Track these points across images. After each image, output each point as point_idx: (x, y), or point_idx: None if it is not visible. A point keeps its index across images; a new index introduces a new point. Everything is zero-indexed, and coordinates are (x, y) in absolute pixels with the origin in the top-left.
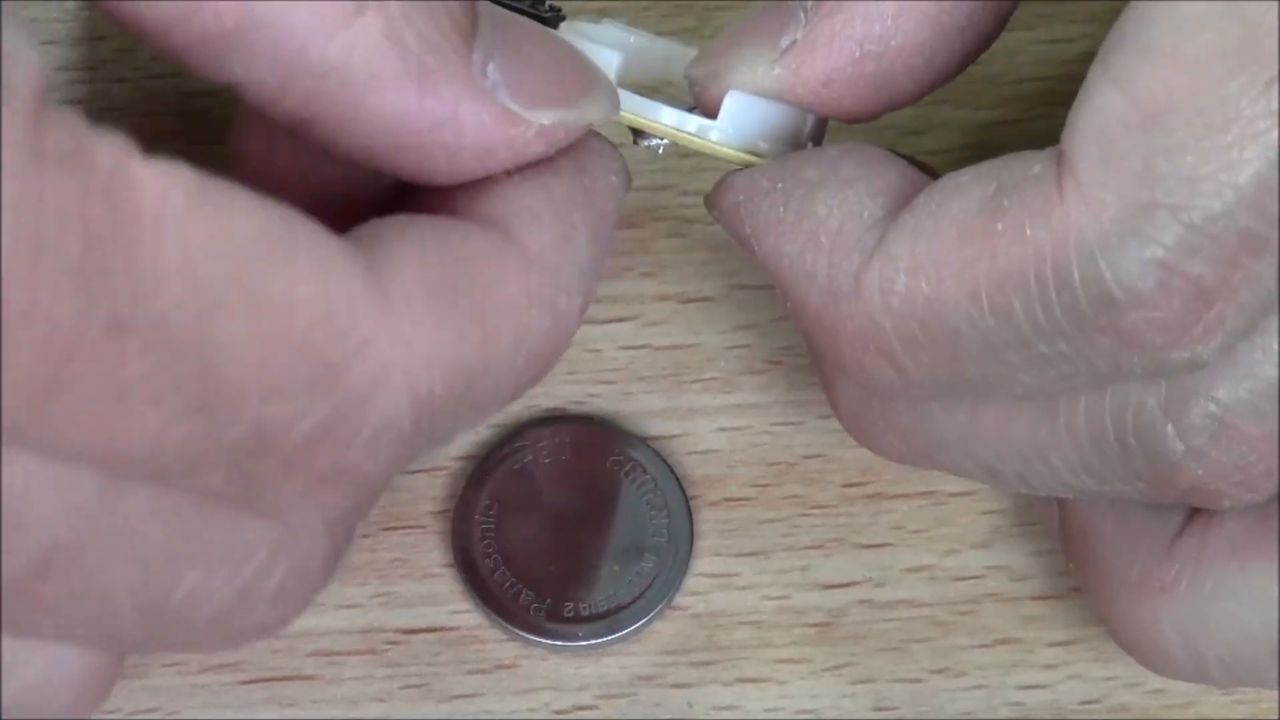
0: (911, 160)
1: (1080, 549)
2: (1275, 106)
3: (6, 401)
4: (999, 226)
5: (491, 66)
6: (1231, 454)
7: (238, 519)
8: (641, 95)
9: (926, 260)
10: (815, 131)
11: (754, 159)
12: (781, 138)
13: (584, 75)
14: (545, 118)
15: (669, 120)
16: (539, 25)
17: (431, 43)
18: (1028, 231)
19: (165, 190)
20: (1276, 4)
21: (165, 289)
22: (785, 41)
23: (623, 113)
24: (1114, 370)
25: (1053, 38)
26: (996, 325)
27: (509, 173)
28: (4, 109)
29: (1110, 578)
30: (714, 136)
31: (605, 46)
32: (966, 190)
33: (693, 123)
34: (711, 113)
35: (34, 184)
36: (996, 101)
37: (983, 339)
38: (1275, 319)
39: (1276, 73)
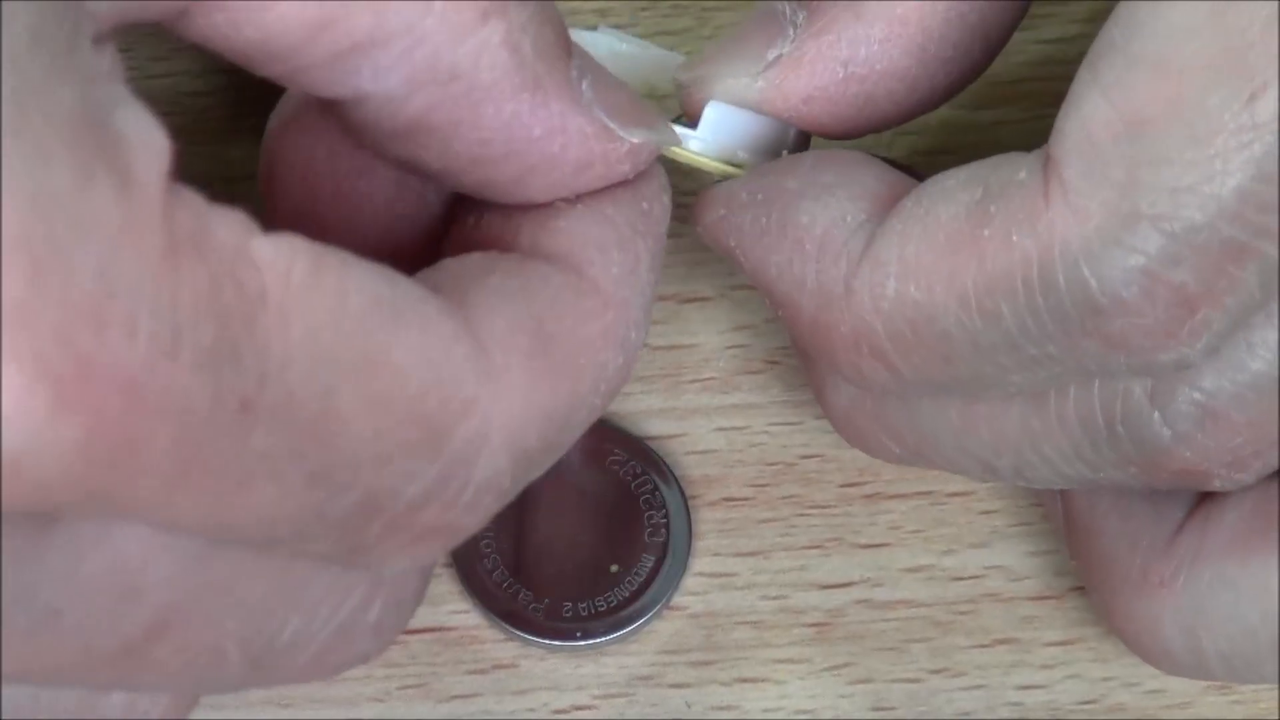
0: (892, 162)
1: (1083, 545)
2: (1257, 119)
3: (141, 490)
4: (986, 233)
5: (586, 84)
6: (1218, 439)
7: (340, 571)
8: None
9: (915, 265)
10: (798, 143)
11: (732, 170)
12: (762, 148)
13: (645, 101)
14: (636, 136)
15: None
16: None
17: (543, 52)
18: (1014, 238)
19: (287, 267)
20: (1258, 18)
21: (291, 367)
22: (771, 55)
23: None
24: (1102, 369)
25: (1052, 37)
26: (985, 329)
27: (571, 202)
28: (137, 203)
29: (1112, 573)
30: (693, 146)
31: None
32: (953, 195)
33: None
34: (696, 119)
35: (169, 279)
36: (995, 101)
37: (972, 341)
38: (1261, 315)
39: (1258, 86)
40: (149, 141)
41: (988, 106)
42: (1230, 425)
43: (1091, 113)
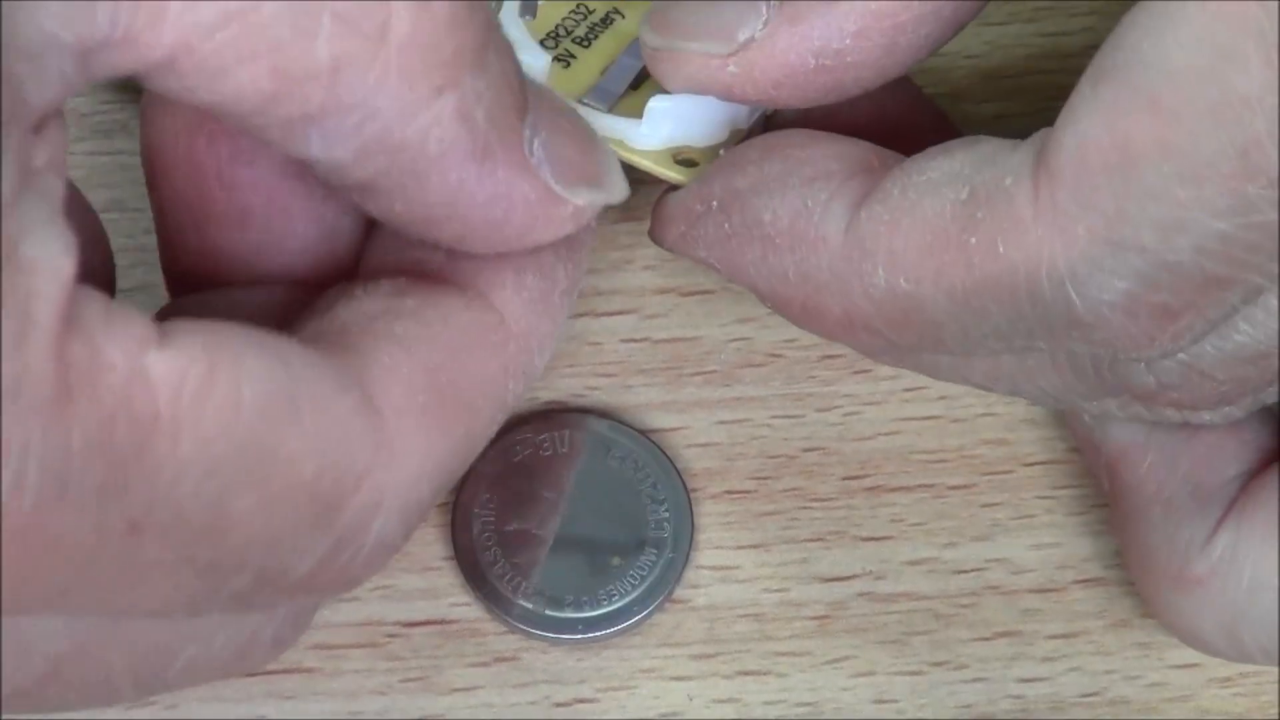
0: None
1: (1127, 529)
2: (1249, 170)
3: (36, 601)
4: (972, 240)
5: (538, 143)
6: (1203, 389)
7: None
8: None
9: (903, 259)
10: (755, 124)
11: (676, 176)
12: (714, 131)
13: (602, 149)
14: (581, 198)
15: (596, 127)
16: (559, 96)
17: (497, 120)
18: (1000, 249)
19: (180, 381)
20: (1257, 78)
21: (181, 483)
22: (742, 35)
23: None
24: (1089, 356)
25: (1053, 31)
26: (975, 322)
27: None
28: (31, 352)
29: (1153, 565)
30: (640, 145)
31: (535, 48)
32: (938, 190)
33: (620, 127)
34: (656, 78)
35: (59, 428)
36: (997, 95)
37: (963, 330)
38: (1243, 308)
39: (1251, 141)
40: (55, 266)
41: (990, 100)
42: (1213, 380)
43: (1087, 134)
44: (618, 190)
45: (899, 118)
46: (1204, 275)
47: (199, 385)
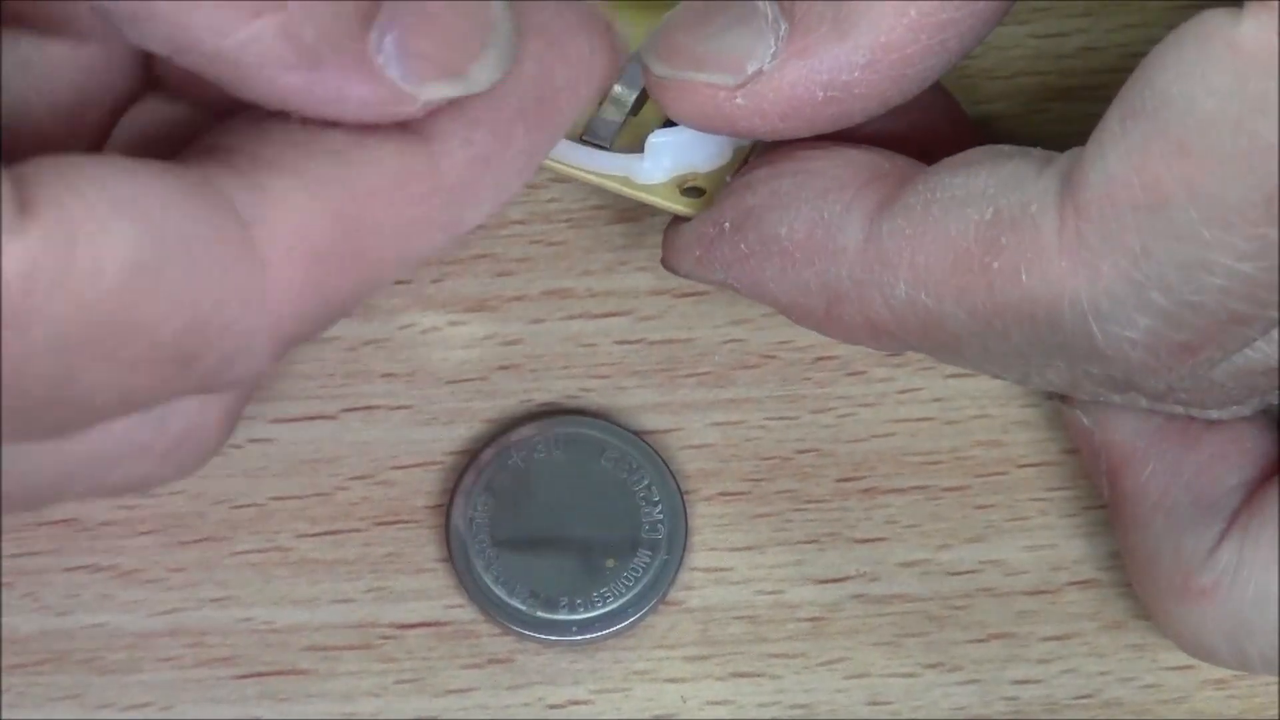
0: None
1: (1128, 535)
2: (1272, 214)
3: None
4: (995, 264)
5: (389, 40)
6: (1212, 393)
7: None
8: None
9: (925, 275)
10: (756, 142)
11: (685, 210)
12: (715, 158)
13: (482, 30)
14: (430, 92)
15: (598, 166)
16: None
17: (328, 32)
18: (1024, 277)
19: (33, 272)
20: (1278, 124)
21: (26, 368)
22: (751, 68)
23: (548, 162)
24: (1106, 376)
25: (1047, 32)
26: (995, 341)
27: None
28: None
29: (1156, 574)
30: (645, 180)
31: None
32: (962, 208)
33: (622, 164)
34: (664, 119)
35: None
36: (990, 96)
37: (983, 346)
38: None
39: (1275, 187)
40: None
41: (984, 101)
42: (1223, 388)
43: (1115, 174)
44: (484, 75)
45: (916, 120)
46: (1227, 314)
47: (55, 270)
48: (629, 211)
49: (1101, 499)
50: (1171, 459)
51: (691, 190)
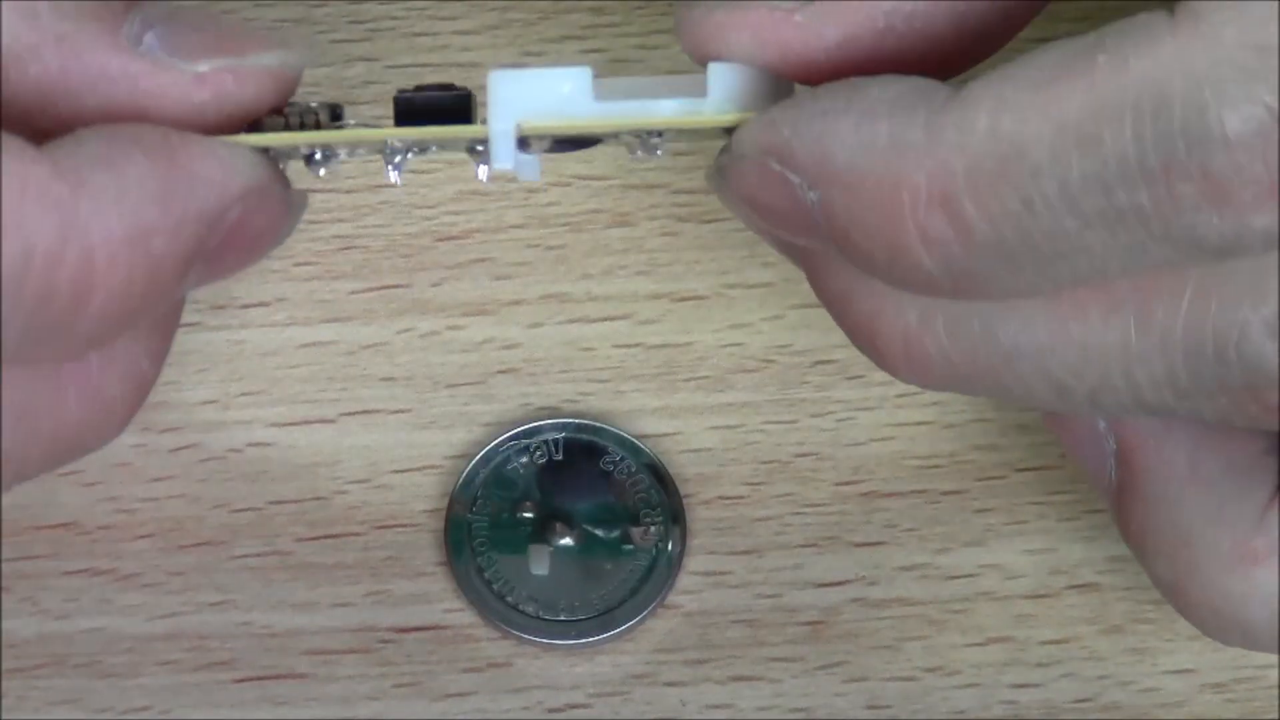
0: None
1: (1147, 515)
2: None
3: None
4: (1100, 59)
5: (149, 35)
6: None
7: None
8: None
9: (1013, 99)
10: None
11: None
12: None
13: (264, 37)
14: (204, 66)
15: (667, 112)
16: (212, 14)
17: (67, 14)
18: (1131, 61)
19: None
20: None
21: None
22: None
23: (615, 119)
24: (1188, 240)
25: (1043, 35)
26: (1080, 161)
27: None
28: None
29: (1191, 548)
30: (709, 110)
31: (571, 65)
32: (1065, 44)
33: (678, 106)
34: (700, 53)
35: None
36: None
37: (1061, 180)
38: None
39: None
40: None
41: None
42: None
43: None
44: (267, 59)
45: None
46: None
47: None
48: (627, 215)
49: (1097, 500)
50: (1196, 428)
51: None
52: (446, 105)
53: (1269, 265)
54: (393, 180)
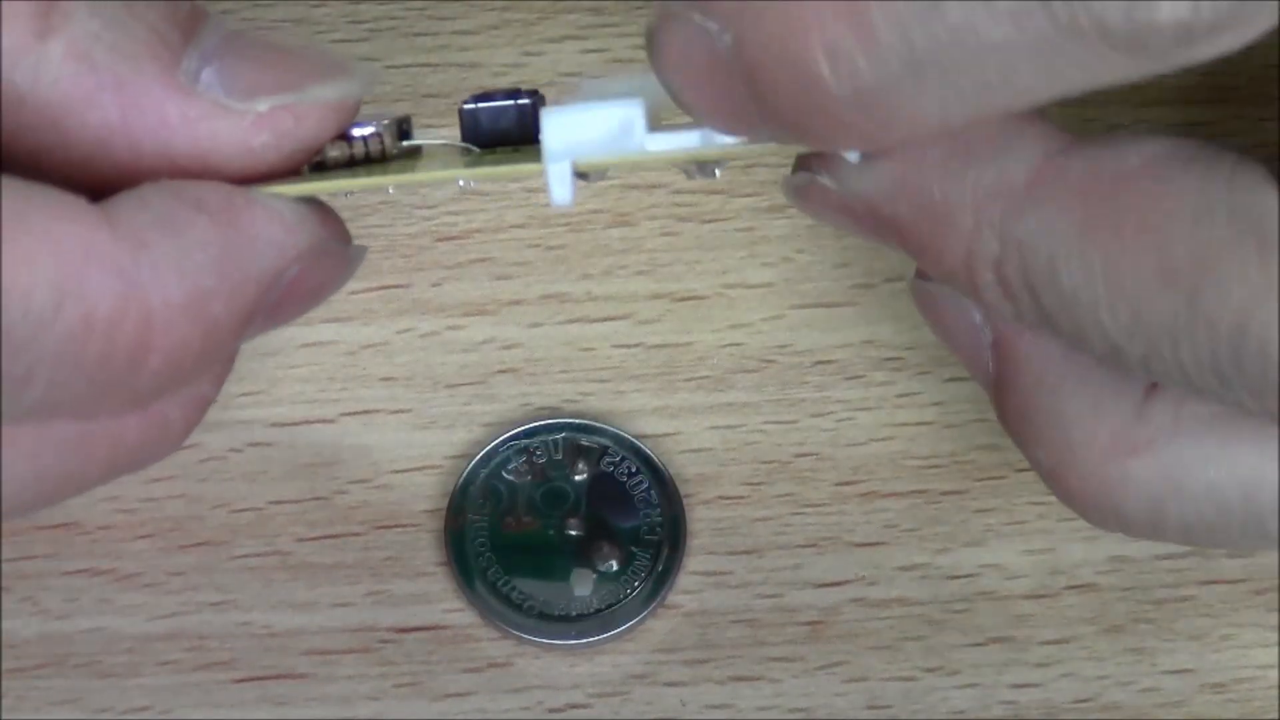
0: None
1: (1025, 405)
2: None
3: None
4: None
5: (207, 71)
6: None
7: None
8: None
9: None
10: None
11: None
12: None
13: (322, 65)
14: (263, 105)
15: (722, 142)
16: (272, 39)
17: (126, 54)
18: None
19: None
20: None
21: None
22: None
23: (671, 152)
24: (1096, 31)
25: None
26: None
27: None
28: None
29: (1070, 438)
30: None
31: (624, 97)
32: None
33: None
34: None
35: None
36: None
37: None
38: None
39: None
40: None
41: None
42: None
43: None
44: (326, 91)
45: None
46: None
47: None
48: (627, 215)
49: (980, 379)
50: None
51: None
52: (512, 130)
53: None
54: (463, 187)
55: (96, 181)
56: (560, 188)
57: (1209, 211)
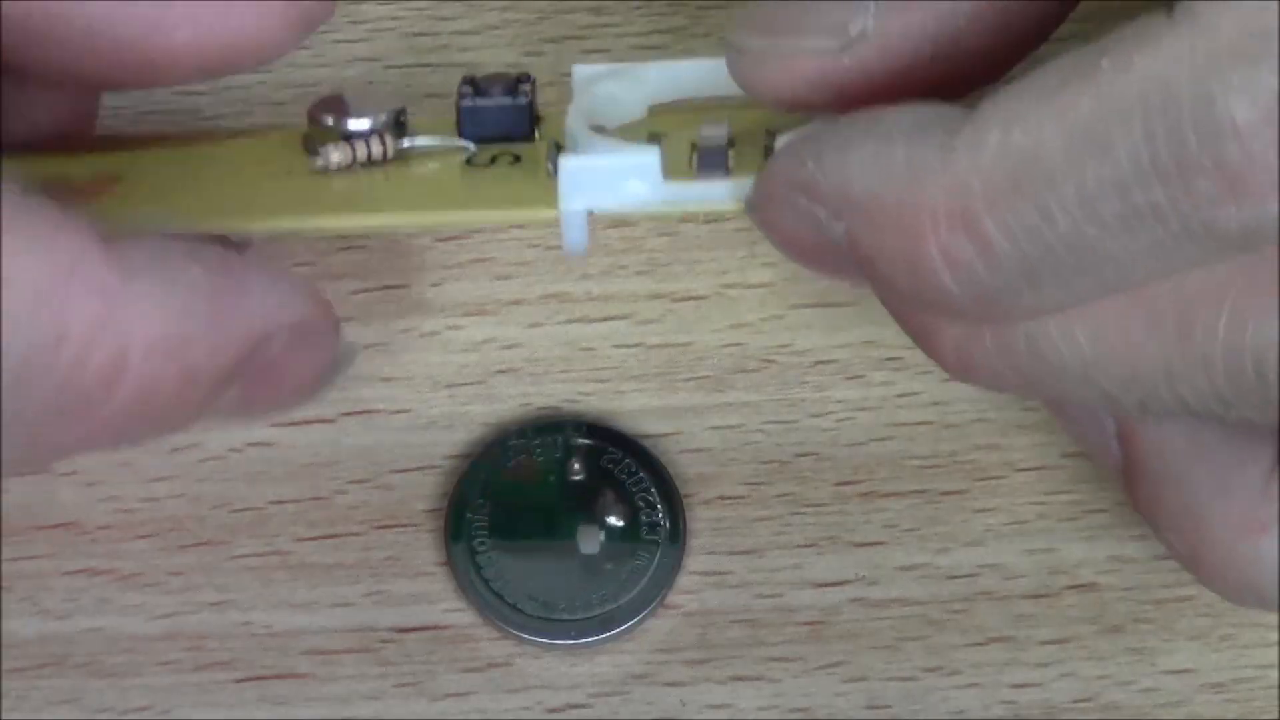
0: None
1: (1155, 492)
2: None
3: None
4: (1104, 62)
5: None
6: None
7: None
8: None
9: (1023, 112)
10: None
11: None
12: None
13: None
14: None
15: (727, 194)
16: None
17: None
18: (1135, 61)
19: None
20: None
21: None
22: (855, 30)
23: (684, 203)
24: (1210, 235)
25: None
26: (1094, 166)
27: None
28: None
29: (1200, 520)
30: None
31: (639, 146)
32: (1069, 55)
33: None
34: (749, 87)
35: None
36: None
37: (1077, 186)
38: None
39: None
40: None
41: None
42: None
43: None
44: None
45: None
46: None
47: None
48: (626, 216)
49: (1110, 468)
50: None
51: None
52: (511, 128)
53: None
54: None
55: (81, 81)
56: (575, 235)
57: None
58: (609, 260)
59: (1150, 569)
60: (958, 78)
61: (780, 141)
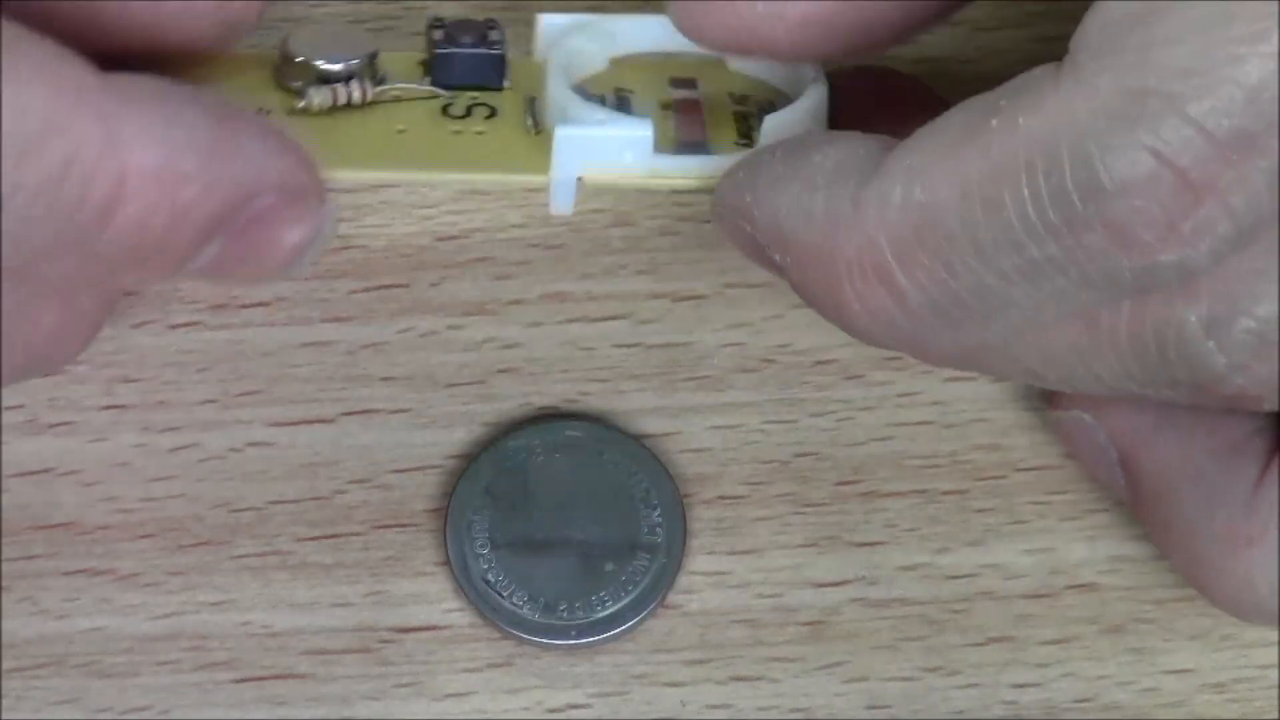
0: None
1: (1156, 512)
2: (1275, 10)
3: None
4: (994, 122)
5: None
6: (1274, 365)
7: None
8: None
9: (921, 169)
10: None
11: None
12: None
13: None
14: None
15: (711, 168)
16: None
17: None
18: (1020, 121)
19: None
20: None
21: None
22: None
23: (674, 174)
24: (1106, 279)
25: (1044, 35)
26: (987, 224)
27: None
28: None
29: (1194, 537)
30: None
31: (634, 119)
32: (969, 105)
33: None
34: (693, 35)
35: None
36: None
37: (974, 241)
38: None
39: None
40: None
41: None
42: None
43: (1111, 4)
44: None
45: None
46: (1230, 132)
47: None
48: (627, 215)
49: (1115, 496)
50: (1183, 424)
51: None
52: (483, 76)
53: (1198, 267)
54: None
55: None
56: (563, 200)
57: None
58: (609, 260)
59: (1150, 569)
60: (868, 30)
61: (728, 165)
